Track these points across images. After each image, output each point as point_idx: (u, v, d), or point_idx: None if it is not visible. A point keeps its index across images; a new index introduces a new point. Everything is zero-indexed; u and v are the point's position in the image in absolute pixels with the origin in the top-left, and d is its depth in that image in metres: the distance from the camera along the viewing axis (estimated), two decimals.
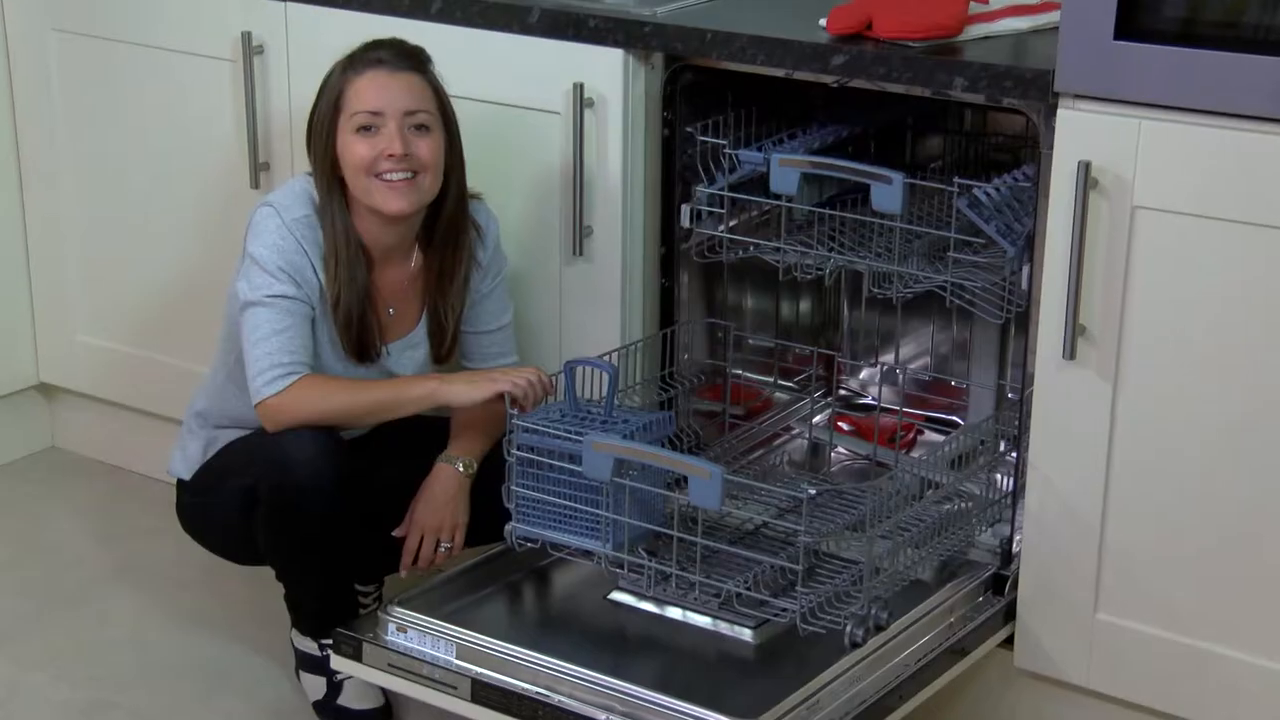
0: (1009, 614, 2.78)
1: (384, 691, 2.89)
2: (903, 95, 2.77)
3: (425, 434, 2.90)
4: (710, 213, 2.97)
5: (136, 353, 3.65)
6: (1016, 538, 2.80)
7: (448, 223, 2.85)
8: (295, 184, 2.84)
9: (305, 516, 2.72)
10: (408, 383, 2.81)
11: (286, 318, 2.75)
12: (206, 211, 3.45)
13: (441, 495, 2.84)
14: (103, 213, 3.62)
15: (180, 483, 2.98)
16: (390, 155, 2.73)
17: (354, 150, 2.75)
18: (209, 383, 2.97)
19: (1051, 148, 2.58)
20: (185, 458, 2.96)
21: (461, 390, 2.75)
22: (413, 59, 2.79)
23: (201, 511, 2.94)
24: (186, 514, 2.99)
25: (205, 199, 3.44)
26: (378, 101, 2.75)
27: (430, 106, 2.78)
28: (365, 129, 2.74)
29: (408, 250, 2.87)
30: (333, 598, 2.86)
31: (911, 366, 3.38)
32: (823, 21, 2.81)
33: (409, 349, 2.89)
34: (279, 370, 2.73)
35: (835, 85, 2.83)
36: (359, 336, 2.81)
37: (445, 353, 2.92)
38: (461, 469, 2.84)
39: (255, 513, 2.77)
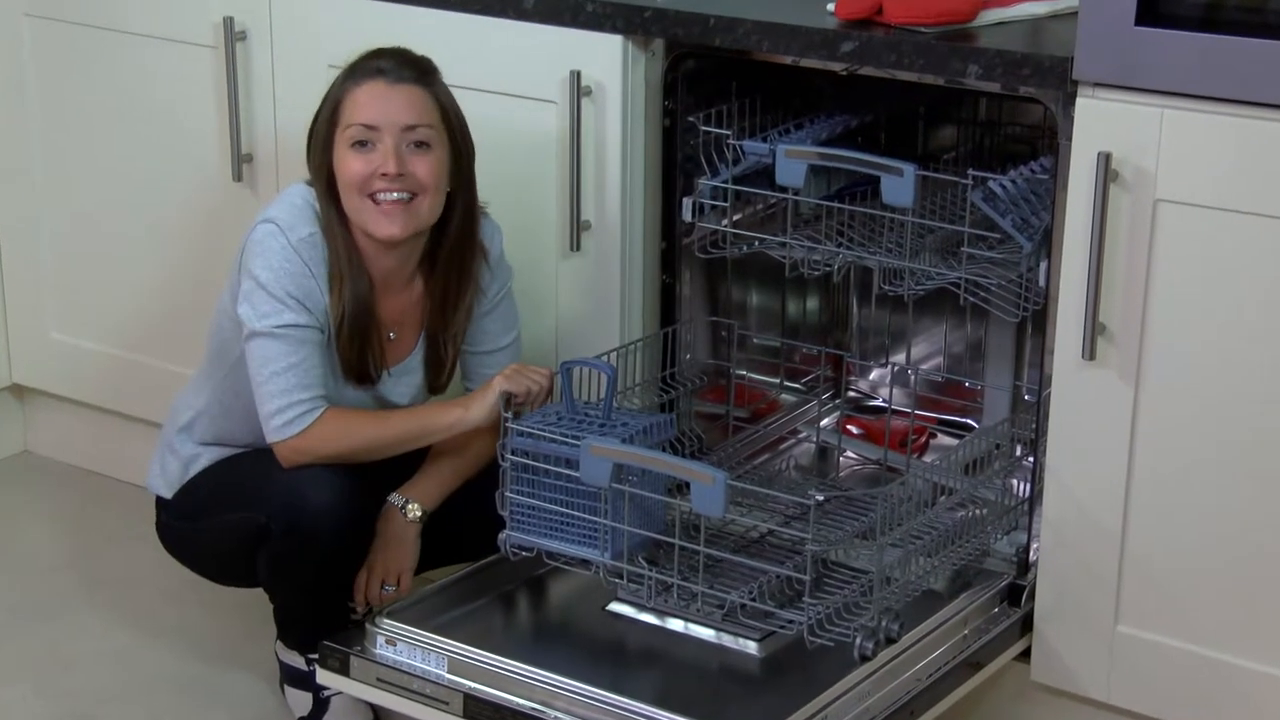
0: (1025, 626, 2.78)
1: (372, 707, 2.89)
2: (914, 83, 2.77)
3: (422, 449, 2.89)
4: (713, 206, 2.97)
5: (114, 352, 3.64)
6: (1033, 546, 2.80)
7: (453, 248, 2.81)
8: (294, 196, 2.78)
9: (320, 559, 2.72)
10: (434, 412, 2.80)
11: (299, 348, 2.72)
12: (187, 205, 3.44)
13: (385, 538, 2.83)
14: (78, 204, 3.62)
15: (160, 501, 2.96)
16: (384, 174, 2.69)
17: (348, 166, 2.71)
18: (192, 397, 2.94)
19: (1070, 138, 2.58)
20: (165, 474, 2.94)
21: (480, 409, 2.74)
22: (416, 69, 2.74)
23: (190, 536, 2.92)
24: (171, 535, 2.96)
25: (186, 192, 3.44)
26: (374, 115, 2.70)
27: (432, 121, 2.73)
28: (360, 144, 2.70)
29: (411, 274, 2.83)
30: (324, 613, 2.85)
31: (924, 367, 3.38)
32: (831, 6, 2.81)
33: (405, 374, 2.87)
34: (299, 408, 2.71)
35: (844, 73, 2.83)
36: (360, 358, 2.79)
37: (442, 383, 2.90)
38: (408, 515, 2.83)
39: (258, 546, 2.75)
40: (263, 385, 2.72)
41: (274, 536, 2.72)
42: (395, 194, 2.69)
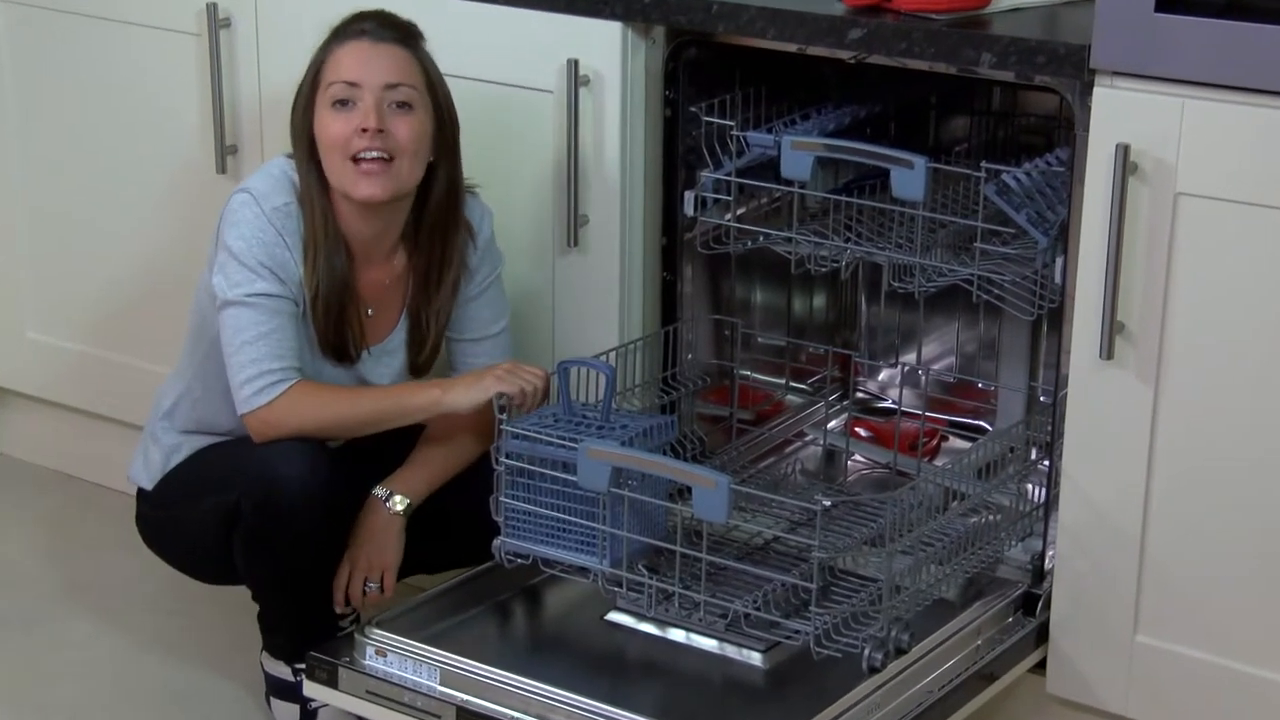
0: (1041, 636, 2.78)
1: None
2: (925, 72, 2.77)
3: (411, 442, 2.89)
4: (716, 200, 2.97)
5: (93, 352, 3.64)
6: (1049, 553, 2.80)
7: (434, 219, 2.83)
8: (273, 167, 2.82)
9: (292, 536, 2.72)
10: (410, 391, 2.81)
11: (272, 318, 2.74)
12: (169, 198, 3.44)
13: (367, 532, 2.84)
14: (56, 199, 3.62)
15: (141, 491, 2.97)
16: (364, 129, 2.71)
17: (328, 126, 2.74)
18: (174, 381, 2.96)
19: (1087, 129, 2.58)
20: (147, 464, 2.95)
21: (464, 395, 2.75)
22: (400, 31, 2.78)
23: (169, 526, 2.93)
24: (150, 527, 2.98)
25: (167, 185, 3.44)
26: (355, 72, 2.73)
27: (415, 82, 2.76)
28: (341, 102, 2.73)
29: (392, 248, 2.85)
30: (311, 619, 2.85)
31: (935, 367, 3.38)
32: None
33: (385, 355, 2.88)
34: (269, 378, 2.72)
35: (852, 61, 2.83)
36: (337, 333, 2.80)
37: (424, 363, 2.91)
38: (392, 507, 2.83)
39: (233, 531, 2.77)
40: (234, 355, 2.74)
41: (245, 515, 2.73)
42: (375, 153, 2.71)
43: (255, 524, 2.73)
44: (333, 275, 2.77)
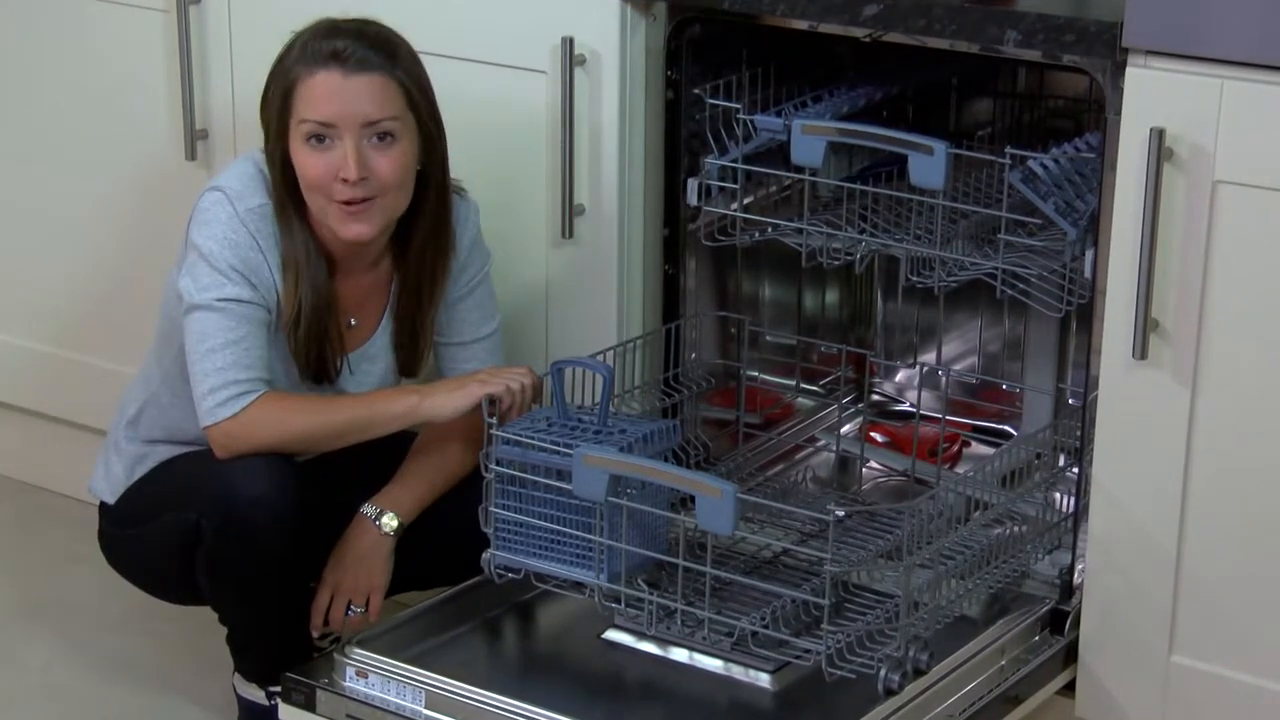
0: (1069, 656, 2.79)
1: None
2: (946, 51, 2.78)
3: (391, 452, 2.91)
4: (721, 188, 2.98)
5: (53, 352, 3.65)
6: (1078, 567, 2.80)
7: (425, 235, 2.82)
8: (247, 164, 2.80)
9: (257, 560, 2.73)
10: (384, 399, 2.82)
11: (241, 325, 2.74)
12: (135, 187, 3.45)
13: (353, 553, 2.84)
14: (11, 188, 3.62)
15: (103, 506, 2.98)
16: (344, 179, 2.69)
17: (305, 164, 2.72)
18: (140, 386, 2.96)
19: (1119, 112, 2.59)
20: (109, 476, 2.96)
21: (444, 401, 2.76)
22: (379, 52, 2.71)
23: (129, 544, 2.93)
24: (110, 544, 2.98)
25: (133, 172, 3.45)
26: (330, 111, 2.69)
27: (397, 111, 2.72)
28: (317, 138, 2.70)
29: (377, 258, 2.85)
30: (284, 639, 2.86)
31: (956, 368, 3.39)
32: None
33: (366, 361, 2.89)
34: (235, 389, 2.73)
35: (868, 40, 2.84)
36: (319, 353, 2.81)
37: (416, 369, 2.92)
38: (382, 527, 2.84)
39: (196, 551, 2.77)
40: (198, 363, 2.74)
41: (206, 537, 2.74)
42: (360, 200, 2.70)
43: (216, 548, 2.74)
44: (316, 296, 2.77)
